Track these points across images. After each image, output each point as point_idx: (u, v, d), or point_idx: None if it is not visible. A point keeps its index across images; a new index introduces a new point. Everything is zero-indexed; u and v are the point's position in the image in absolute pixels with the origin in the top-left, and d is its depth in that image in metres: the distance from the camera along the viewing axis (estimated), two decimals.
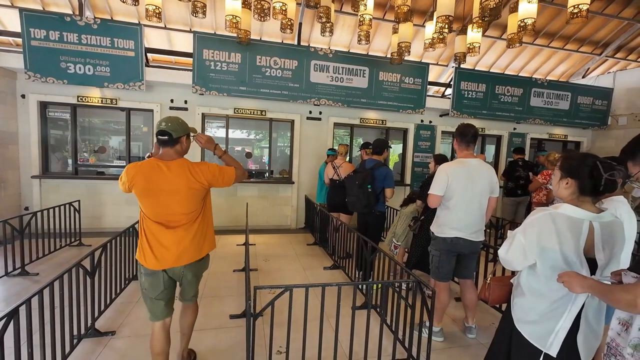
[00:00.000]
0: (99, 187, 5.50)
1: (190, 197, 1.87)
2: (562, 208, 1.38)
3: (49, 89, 5.14)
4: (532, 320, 1.45)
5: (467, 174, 2.48)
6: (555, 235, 1.34)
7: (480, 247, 2.71)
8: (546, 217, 1.38)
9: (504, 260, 1.55)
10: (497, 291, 1.72)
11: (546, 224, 1.37)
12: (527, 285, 1.49)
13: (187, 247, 1.89)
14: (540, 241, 1.37)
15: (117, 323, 2.78)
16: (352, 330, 2.19)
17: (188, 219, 1.90)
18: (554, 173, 1.50)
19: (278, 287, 2.02)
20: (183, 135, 1.89)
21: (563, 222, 1.34)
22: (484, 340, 2.78)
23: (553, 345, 1.38)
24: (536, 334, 1.43)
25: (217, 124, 6.34)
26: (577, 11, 3.54)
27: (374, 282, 2.43)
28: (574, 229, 1.33)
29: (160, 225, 1.85)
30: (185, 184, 1.84)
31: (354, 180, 3.49)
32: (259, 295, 2.84)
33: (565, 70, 9.44)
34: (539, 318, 1.42)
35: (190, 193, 1.86)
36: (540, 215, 1.40)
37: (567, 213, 1.36)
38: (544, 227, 1.37)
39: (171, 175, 1.82)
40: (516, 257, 1.47)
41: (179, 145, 1.90)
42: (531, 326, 1.45)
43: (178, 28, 7.19)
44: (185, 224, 1.89)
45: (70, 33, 4.84)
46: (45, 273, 3.70)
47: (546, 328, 1.40)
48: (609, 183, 1.32)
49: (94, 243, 4.78)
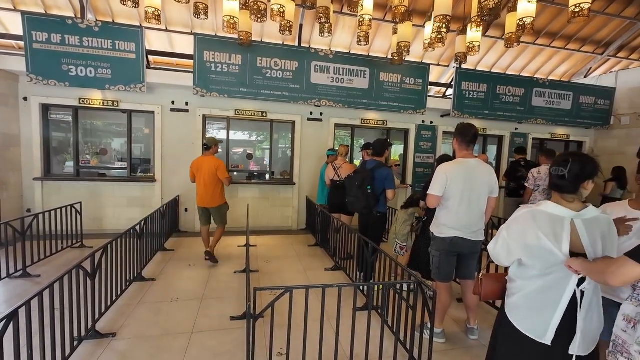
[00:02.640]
0: (100, 189, 5.51)
1: (212, 174, 4.11)
2: (544, 205, 1.43)
3: (51, 92, 5.16)
4: (524, 313, 1.47)
5: (466, 174, 2.47)
6: (535, 231, 1.38)
7: (481, 247, 2.69)
8: (527, 215, 1.44)
9: (492, 255, 1.61)
10: (490, 287, 1.76)
11: (527, 221, 1.42)
12: (517, 280, 1.53)
13: (207, 198, 4.21)
14: (522, 237, 1.43)
15: (118, 325, 2.78)
16: (353, 331, 2.18)
17: (209, 184, 4.14)
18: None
19: (278, 288, 2.01)
20: (213, 145, 4.20)
21: (543, 219, 1.39)
22: (486, 342, 2.75)
23: (547, 334, 1.40)
24: (528, 324, 1.45)
25: (218, 125, 6.35)
26: (579, 10, 3.52)
27: (375, 283, 2.41)
28: (554, 226, 1.36)
29: (200, 185, 4.19)
30: (209, 168, 4.09)
31: (353, 181, 3.47)
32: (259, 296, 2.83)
33: (567, 70, 9.41)
34: (531, 310, 1.45)
35: (211, 172, 4.10)
36: (522, 213, 1.47)
37: (547, 210, 1.41)
38: (525, 224, 1.43)
39: (205, 163, 4.13)
40: (502, 253, 1.53)
41: (212, 150, 4.20)
42: (524, 319, 1.47)
43: (179, 30, 7.22)
44: (207, 186, 4.15)
45: (71, 36, 4.87)
46: (46, 275, 3.71)
47: (539, 319, 1.43)
48: (555, 179, 1.40)
49: (95, 245, 4.79)
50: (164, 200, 5.60)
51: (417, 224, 3.52)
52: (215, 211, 4.29)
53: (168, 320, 2.89)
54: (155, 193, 5.71)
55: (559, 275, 1.38)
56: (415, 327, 2.35)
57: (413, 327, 2.34)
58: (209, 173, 4.09)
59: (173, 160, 5.75)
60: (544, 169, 4.54)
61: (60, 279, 2.14)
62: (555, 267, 1.38)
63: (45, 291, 1.99)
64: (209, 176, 4.10)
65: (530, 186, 4.62)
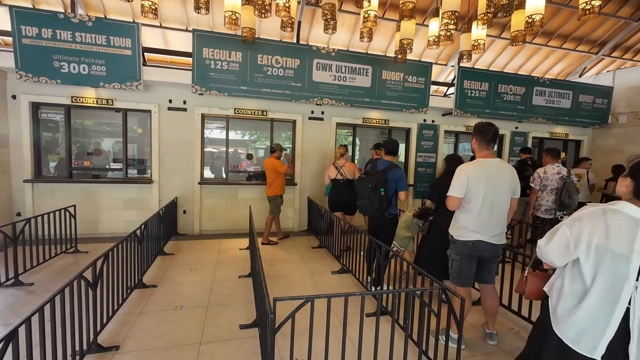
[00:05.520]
0: (95, 191, 5.29)
1: (271, 169, 5.04)
2: (620, 205, 1.32)
3: (42, 89, 4.92)
4: (573, 323, 1.38)
5: (489, 175, 2.38)
6: (605, 230, 1.29)
7: (501, 250, 2.61)
8: (597, 212, 1.34)
9: (543, 251, 1.50)
10: (535, 285, 1.67)
11: (597, 219, 1.32)
12: (567, 284, 1.43)
13: (267, 189, 5.17)
14: (588, 235, 1.32)
15: (120, 336, 2.62)
16: (377, 340, 2.06)
17: (272, 178, 5.10)
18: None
19: (299, 298, 1.89)
20: (277, 150, 5.12)
21: (617, 218, 1.29)
22: (506, 347, 2.69)
23: (598, 349, 1.31)
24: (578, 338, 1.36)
25: (217, 124, 6.17)
26: (589, 8, 3.46)
27: (398, 290, 2.31)
28: (629, 227, 1.26)
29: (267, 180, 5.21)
30: (271, 165, 5.02)
31: (366, 183, 3.34)
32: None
33: (562, 69, 9.48)
34: (581, 321, 1.35)
35: (271, 168, 5.04)
36: (591, 210, 1.37)
37: (624, 210, 1.30)
38: (593, 222, 1.32)
39: (268, 162, 5.07)
40: (558, 251, 1.42)
41: (276, 153, 5.10)
42: (572, 330, 1.38)
43: (174, 27, 7.01)
44: (270, 180, 5.12)
45: (63, 31, 4.64)
46: (40, 282, 3.50)
47: (589, 332, 1.33)
48: None
49: (90, 249, 4.59)
50: (161, 202, 5.41)
51: (424, 223, 3.43)
52: (271, 200, 5.21)
53: (174, 331, 2.74)
54: (153, 195, 5.51)
55: (616, 283, 1.29)
56: (429, 332, 2.27)
57: (427, 333, 2.25)
58: (270, 169, 5.10)
59: (171, 160, 5.56)
60: (549, 168, 4.50)
61: (61, 291, 1.98)
62: (616, 274, 1.29)
63: (45, 305, 1.83)
64: (269, 172, 5.12)
65: (536, 186, 4.58)
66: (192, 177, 5.68)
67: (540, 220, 4.62)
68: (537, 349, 1.56)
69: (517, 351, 2.63)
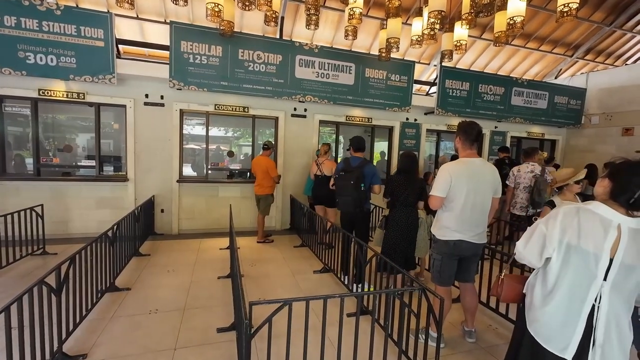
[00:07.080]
0: (65, 190, 5.01)
1: (263, 170, 4.95)
2: (593, 205, 1.34)
3: (5, 81, 4.61)
4: (544, 322, 1.40)
5: (471, 174, 2.38)
6: (577, 229, 1.31)
7: (482, 249, 2.63)
8: (572, 211, 1.36)
9: (522, 254, 1.50)
10: (511, 287, 1.68)
11: (570, 217, 1.34)
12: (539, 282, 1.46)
13: (257, 187, 5.08)
14: (561, 233, 1.35)
15: (89, 344, 2.48)
16: (356, 340, 2.02)
17: (261, 178, 4.99)
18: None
19: (277, 301, 1.82)
20: (270, 148, 5.10)
21: (590, 218, 1.31)
22: (484, 344, 2.72)
23: (569, 349, 1.33)
24: (549, 337, 1.38)
25: (197, 121, 5.99)
26: (567, 10, 3.53)
27: (378, 291, 2.28)
28: (600, 227, 1.28)
29: (256, 178, 5.10)
30: (263, 165, 4.96)
31: (348, 180, 3.33)
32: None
33: (539, 71, 9.77)
34: (551, 319, 1.38)
35: (263, 169, 4.95)
36: (566, 209, 1.38)
37: (596, 210, 1.32)
38: (567, 220, 1.35)
39: (260, 161, 5.01)
40: (537, 251, 1.43)
41: (268, 151, 5.08)
42: (544, 328, 1.40)
43: (151, 19, 6.75)
44: (259, 179, 5.02)
45: (29, 19, 4.36)
46: (3, 287, 3.28)
47: (560, 330, 1.35)
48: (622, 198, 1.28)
49: (60, 251, 4.35)
50: (137, 201, 5.20)
51: (381, 219, 3.45)
52: (261, 199, 5.11)
53: (147, 336, 2.62)
54: (128, 193, 5.29)
55: (584, 282, 1.31)
56: (409, 331, 2.27)
57: (416, 333, 2.25)
58: (261, 169, 5.01)
59: (147, 157, 5.34)
60: (523, 167, 4.65)
61: (18, 299, 1.83)
62: (585, 273, 1.30)
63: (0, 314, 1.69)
64: (260, 171, 5.03)
65: (511, 184, 4.71)
66: (171, 174, 5.48)
67: (516, 217, 4.75)
68: (516, 348, 1.57)
69: (495, 348, 2.67)
